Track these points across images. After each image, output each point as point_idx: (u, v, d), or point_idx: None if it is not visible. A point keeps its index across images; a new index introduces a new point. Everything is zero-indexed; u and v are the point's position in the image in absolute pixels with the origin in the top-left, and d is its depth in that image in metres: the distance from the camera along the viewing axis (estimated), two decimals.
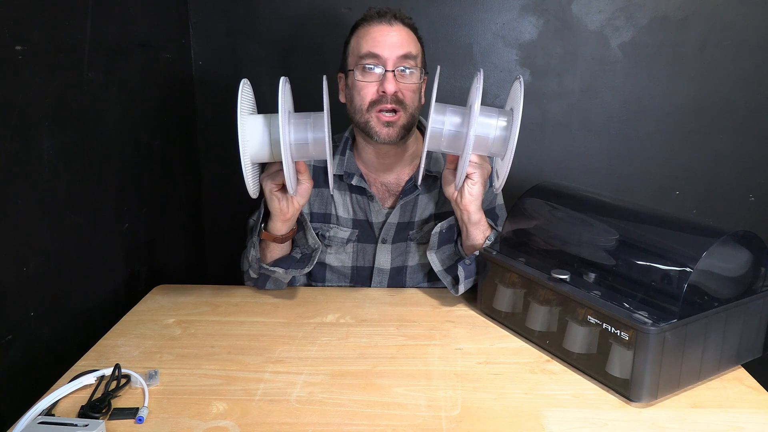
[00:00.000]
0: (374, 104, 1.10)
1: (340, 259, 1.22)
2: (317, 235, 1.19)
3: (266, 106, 1.06)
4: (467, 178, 1.03)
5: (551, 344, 0.91)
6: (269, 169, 1.03)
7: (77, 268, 1.03)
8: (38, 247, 0.92)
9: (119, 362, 0.83)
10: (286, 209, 1.04)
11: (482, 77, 0.96)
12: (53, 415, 0.75)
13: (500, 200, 1.25)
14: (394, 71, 1.08)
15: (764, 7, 1.46)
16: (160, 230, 1.37)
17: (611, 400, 0.81)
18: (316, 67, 1.52)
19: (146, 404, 0.77)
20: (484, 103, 0.96)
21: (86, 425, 0.70)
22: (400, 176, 1.21)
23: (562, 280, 0.88)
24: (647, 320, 0.76)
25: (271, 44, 1.52)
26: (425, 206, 1.20)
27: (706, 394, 0.82)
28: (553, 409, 0.78)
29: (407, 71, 1.10)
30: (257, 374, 0.86)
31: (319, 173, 1.21)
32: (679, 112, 1.53)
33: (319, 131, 0.95)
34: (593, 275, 0.87)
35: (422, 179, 1.11)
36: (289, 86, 0.98)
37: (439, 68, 1.01)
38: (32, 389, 0.82)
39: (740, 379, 0.86)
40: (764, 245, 0.84)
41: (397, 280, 1.22)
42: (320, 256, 1.21)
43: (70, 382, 0.81)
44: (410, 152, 1.21)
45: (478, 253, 1.06)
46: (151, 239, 1.31)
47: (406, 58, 1.09)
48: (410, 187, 1.18)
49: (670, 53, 1.49)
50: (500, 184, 1.01)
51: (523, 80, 0.98)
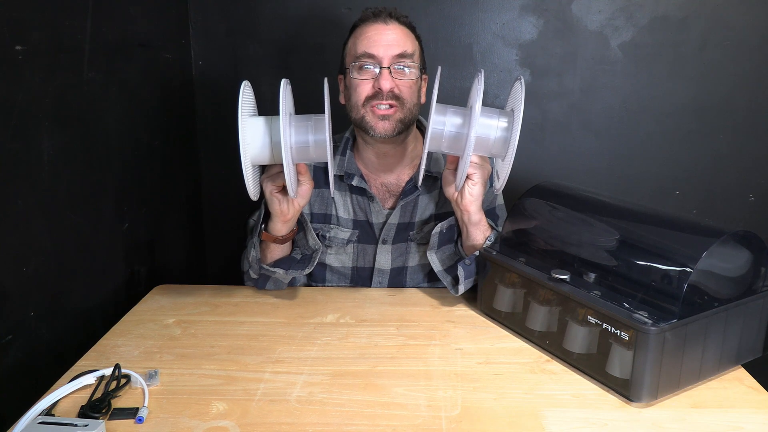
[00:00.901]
0: (370, 99, 1.10)
1: (340, 259, 1.22)
2: (317, 235, 1.19)
3: (266, 106, 1.06)
4: (468, 178, 1.03)
5: (551, 344, 0.91)
6: (270, 170, 1.03)
7: (77, 268, 1.03)
8: (38, 247, 0.92)
9: (119, 362, 0.84)
10: (286, 210, 1.04)
11: (483, 78, 0.96)
12: (53, 415, 0.75)
13: (500, 200, 1.25)
14: (389, 68, 1.08)
15: (764, 7, 1.45)
16: (160, 230, 1.37)
17: (611, 400, 0.81)
18: (316, 67, 1.52)
19: (146, 404, 0.77)
20: (484, 103, 0.96)
21: (86, 425, 0.70)
22: (400, 177, 1.21)
23: (562, 280, 0.88)
24: (647, 320, 0.76)
25: (271, 44, 1.52)
26: (425, 207, 1.20)
27: (706, 394, 0.82)
28: (553, 409, 0.78)
29: (403, 69, 1.10)
30: (257, 374, 0.86)
31: (319, 174, 1.21)
32: (679, 112, 1.53)
33: (320, 133, 0.95)
34: (593, 275, 0.87)
35: (423, 180, 1.11)
36: (290, 88, 0.98)
37: (439, 69, 1.01)
38: (32, 389, 0.82)
39: (740, 379, 0.86)
40: (764, 245, 0.84)
41: (397, 280, 1.22)
42: (320, 256, 1.21)
43: (70, 382, 0.81)
44: (410, 152, 1.21)
45: (478, 253, 1.06)
46: (151, 239, 1.31)
47: (402, 57, 1.09)
48: (410, 187, 1.18)
49: (670, 53, 1.49)
50: (501, 185, 1.01)
51: (523, 81, 0.98)
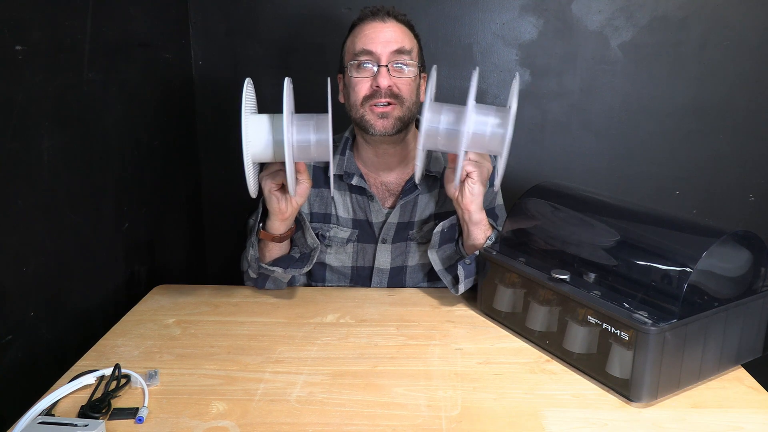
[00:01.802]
0: (368, 99, 1.10)
1: (339, 259, 1.22)
2: (317, 235, 1.19)
3: (266, 106, 1.06)
4: (467, 177, 1.03)
5: (551, 344, 0.91)
6: (269, 168, 1.03)
7: (77, 268, 1.03)
8: (38, 247, 0.92)
9: (119, 362, 0.83)
10: (284, 209, 1.04)
11: (477, 75, 0.97)
12: (53, 415, 0.75)
13: (500, 200, 1.25)
14: (387, 66, 1.09)
15: (764, 7, 1.45)
16: (160, 230, 1.37)
17: (611, 400, 0.81)
18: (316, 67, 1.52)
19: (146, 404, 0.77)
20: (483, 103, 0.96)
21: (86, 425, 0.70)
22: (400, 176, 1.21)
23: (562, 280, 0.88)
24: (647, 320, 0.76)
25: (271, 44, 1.52)
26: (425, 206, 1.20)
27: (706, 394, 0.82)
28: (553, 409, 0.78)
29: (401, 66, 1.10)
30: (257, 374, 0.86)
31: (319, 173, 1.21)
32: (679, 112, 1.53)
33: (322, 133, 0.95)
34: (593, 275, 0.87)
35: (422, 179, 1.11)
36: (292, 87, 0.98)
37: (435, 67, 1.01)
38: (32, 389, 0.82)
39: (740, 379, 0.86)
40: (764, 245, 0.84)
41: (396, 280, 1.22)
42: (320, 256, 1.22)
43: (70, 382, 0.81)
44: (410, 152, 1.21)
45: (478, 252, 1.06)
46: (151, 239, 1.31)
47: (399, 53, 1.10)
48: (410, 186, 1.19)
49: (670, 53, 1.49)
50: (498, 180, 1.01)
51: (519, 77, 0.98)
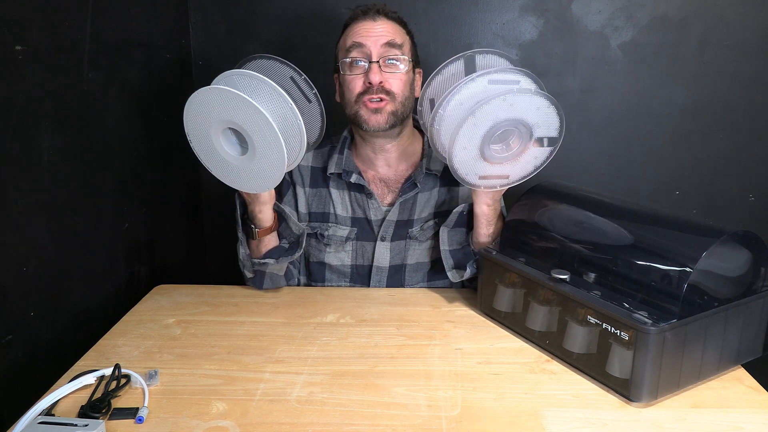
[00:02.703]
0: (362, 95, 1.11)
1: (339, 257, 1.22)
2: (316, 234, 1.20)
3: None
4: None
5: (551, 344, 0.91)
6: None
7: (77, 268, 1.03)
8: (38, 247, 0.92)
9: (119, 362, 0.84)
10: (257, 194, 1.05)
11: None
12: (53, 415, 0.75)
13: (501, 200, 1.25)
14: (378, 62, 1.09)
15: (764, 7, 1.45)
16: (160, 230, 1.37)
17: (611, 400, 0.81)
18: (316, 67, 1.51)
19: (146, 404, 0.77)
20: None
21: (86, 425, 0.70)
22: (398, 172, 1.21)
23: (562, 280, 0.88)
24: (647, 320, 0.76)
25: (271, 44, 1.52)
26: (425, 204, 1.20)
27: (706, 394, 0.82)
28: (553, 409, 0.78)
29: (393, 62, 1.11)
30: (257, 374, 0.86)
31: (317, 173, 1.21)
32: (679, 111, 1.53)
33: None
34: (593, 275, 0.87)
35: (422, 178, 1.12)
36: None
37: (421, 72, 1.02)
38: (32, 389, 0.82)
39: (740, 379, 0.86)
40: (764, 245, 0.84)
41: (395, 278, 1.22)
42: (319, 255, 1.22)
43: (70, 382, 0.81)
44: (407, 148, 1.21)
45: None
46: (151, 239, 1.31)
47: (390, 46, 1.10)
48: (410, 184, 1.19)
49: (670, 53, 1.49)
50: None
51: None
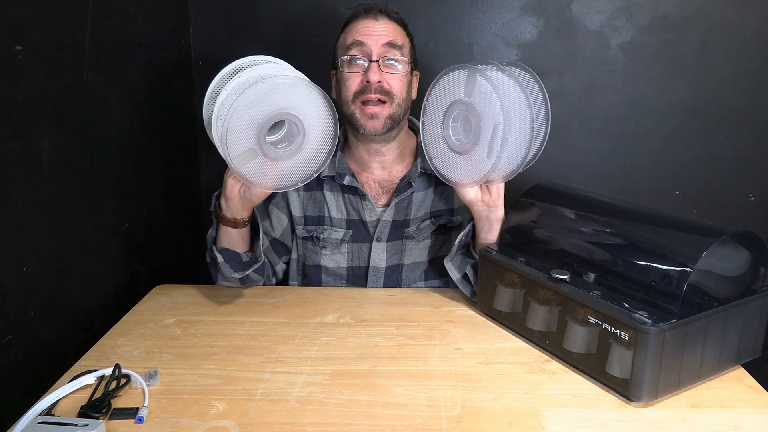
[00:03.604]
0: (359, 94, 1.11)
1: (335, 260, 1.22)
2: (311, 237, 1.20)
3: None
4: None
5: (551, 344, 0.91)
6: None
7: (77, 268, 1.03)
8: (38, 247, 0.93)
9: (119, 362, 0.84)
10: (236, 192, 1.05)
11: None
12: (53, 415, 0.75)
13: None
14: (378, 62, 1.09)
15: (764, 6, 1.45)
16: (160, 230, 1.37)
17: (611, 399, 0.81)
18: (316, 67, 1.51)
19: (146, 404, 0.77)
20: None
21: (86, 425, 0.70)
22: (392, 173, 1.21)
23: (561, 280, 0.88)
24: (647, 320, 0.76)
25: (271, 44, 1.52)
26: (420, 204, 1.20)
27: (705, 394, 0.82)
28: (552, 408, 0.78)
29: (392, 62, 1.10)
30: (257, 374, 0.86)
31: None
32: (679, 111, 1.53)
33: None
34: (593, 275, 0.87)
35: (417, 177, 1.11)
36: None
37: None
38: (32, 389, 0.82)
39: (740, 378, 0.86)
40: (764, 245, 0.84)
41: (392, 279, 1.21)
42: (315, 258, 1.22)
43: (70, 382, 0.81)
44: (402, 149, 1.21)
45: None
46: (151, 239, 1.31)
47: (391, 46, 1.10)
48: (405, 184, 1.19)
49: (670, 53, 1.49)
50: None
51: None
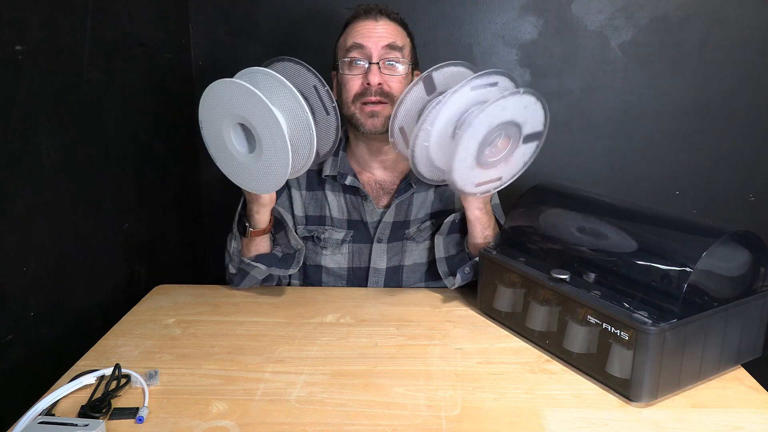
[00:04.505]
0: (359, 96, 1.11)
1: (335, 260, 1.22)
2: (312, 237, 1.20)
3: None
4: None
5: (551, 344, 0.91)
6: None
7: (77, 268, 1.03)
8: (38, 247, 0.93)
9: (119, 362, 0.83)
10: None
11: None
12: (53, 414, 0.75)
13: (496, 200, 1.25)
14: (378, 63, 1.09)
15: (764, 6, 1.45)
16: (160, 230, 1.37)
17: (611, 399, 0.81)
18: (316, 67, 1.51)
19: (146, 404, 0.77)
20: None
21: (86, 425, 0.70)
22: (393, 175, 1.21)
23: (562, 280, 0.88)
24: (647, 320, 0.76)
25: (271, 44, 1.52)
26: (421, 205, 1.20)
27: (706, 394, 0.82)
28: (553, 409, 0.78)
29: (393, 64, 1.11)
30: (257, 374, 0.86)
31: (312, 176, 1.21)
32: (679, 111, 1.53)
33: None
34: (593, 275, 0.87)
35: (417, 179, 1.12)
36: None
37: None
38: (32, 389, 0.82)
39: (740, 378, 0.86)
40: (764, 245, 0.84)
41: (393, 279, 1.21)
42: (315, 258, 1.22)
43: (70, 381, 0.81)
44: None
45: (477, 259, 1.07)
46: (151, 239, 1.31)
47: (391, 48, 1.10)
48: (405, 185, 1.19)
49: (670, 53, 1.49)
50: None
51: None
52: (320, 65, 1.49)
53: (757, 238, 0.83)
